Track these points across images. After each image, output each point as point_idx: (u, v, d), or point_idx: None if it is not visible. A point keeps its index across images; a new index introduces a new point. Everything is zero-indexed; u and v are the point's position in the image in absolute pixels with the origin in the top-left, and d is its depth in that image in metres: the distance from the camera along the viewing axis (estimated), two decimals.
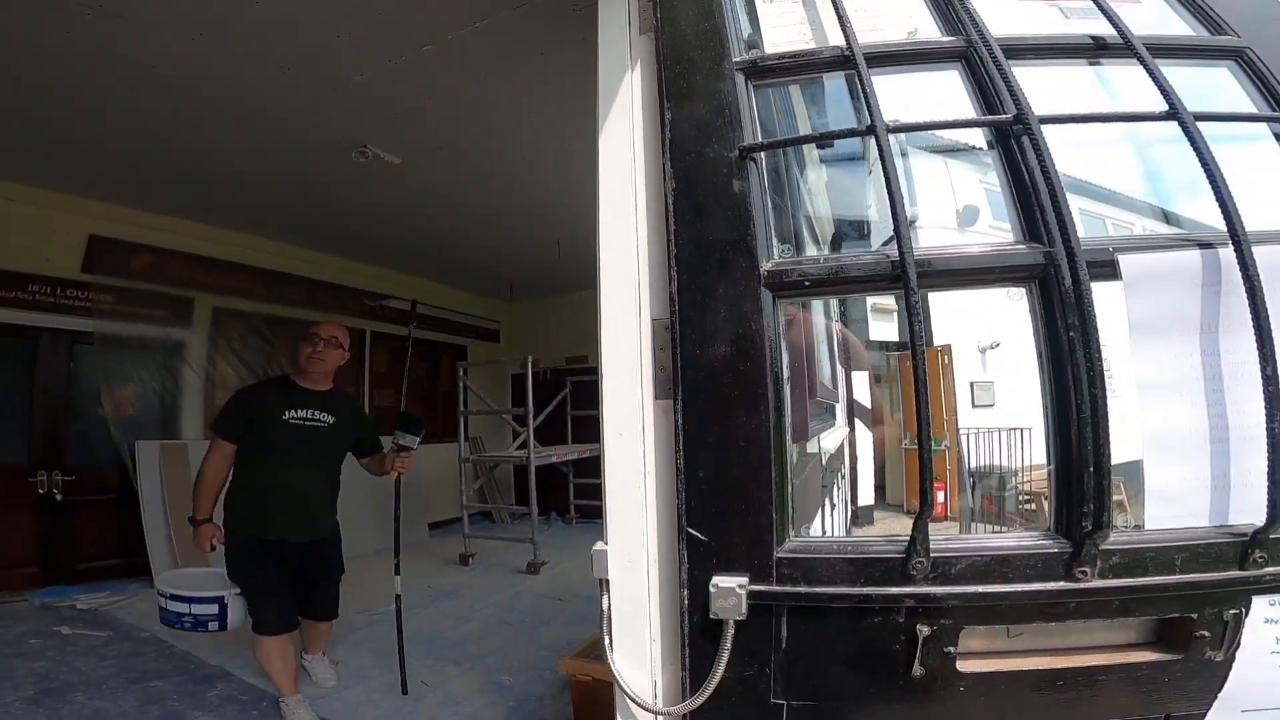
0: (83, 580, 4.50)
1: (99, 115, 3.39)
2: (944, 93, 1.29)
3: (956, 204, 1.47)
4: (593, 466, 7.84)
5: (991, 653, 1.09)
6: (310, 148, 3.84)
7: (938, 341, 1.34)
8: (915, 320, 0.94)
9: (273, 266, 5.76)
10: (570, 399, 7.80)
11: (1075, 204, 1.07)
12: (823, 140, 1.30)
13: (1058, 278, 0.99)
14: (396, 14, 2.58)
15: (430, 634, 3.02)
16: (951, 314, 1.31)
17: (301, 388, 2.86)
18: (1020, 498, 1.52)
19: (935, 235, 1.50)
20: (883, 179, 1.38)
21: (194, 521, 2.72)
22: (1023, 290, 1.06)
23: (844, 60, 1.22)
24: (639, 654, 1.23)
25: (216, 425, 2.81)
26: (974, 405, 1.45)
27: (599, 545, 1.27)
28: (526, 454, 5.87)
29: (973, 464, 1.54)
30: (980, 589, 1.01)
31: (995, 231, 1.28)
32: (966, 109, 1.22)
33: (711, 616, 1.07)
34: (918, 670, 1.04)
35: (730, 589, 1.05)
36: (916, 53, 1.27)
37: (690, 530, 1.10)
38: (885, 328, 1.51)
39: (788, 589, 1.06)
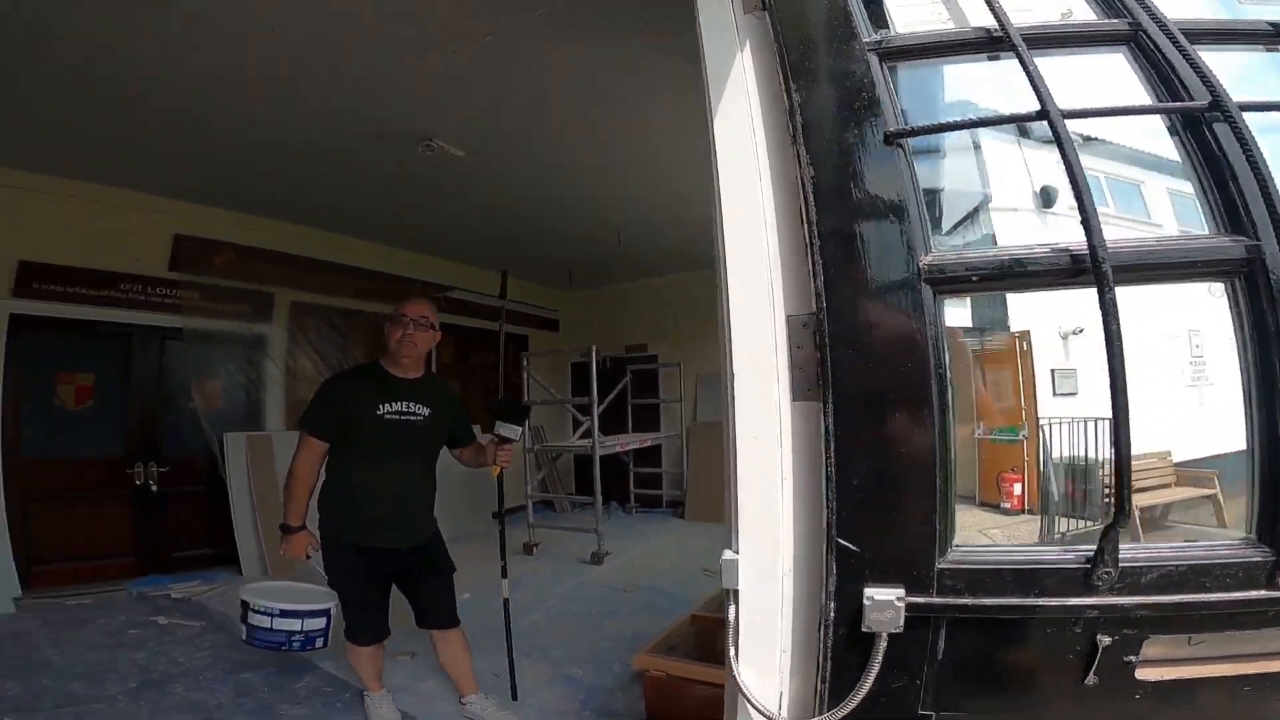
0: (176, 569, 4.68)
1: (176, 117, 3.50)
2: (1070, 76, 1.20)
3: (1033, 185, 1.37)
4: (652, 456, 7.89)
5: (1171, 660, 1.03)
6: (379, 142, 3.89)
7: (1015, 327, 1.26)
8: (1112, 320, 0.86)
9: (343, 260, 5.88)
10: (630, 388, 7.80)
11: None
12: (985, 125, 1.21)
13: (1266, 272, 0.91)
14: (462, 5, 2.59)
15: (499, 624, 3.02)
16: (1026, 298, 1.22)
17: (394, 377, 2.54)
18: (1103, 491, 1.43)
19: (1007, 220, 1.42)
20: (963, 169, 1.30)
21: (286, 528, 2.46)
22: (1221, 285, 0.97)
23: (994, 41, 1.14)
24: (767, 665, 1.18)
25: (306, 420, 2.50)
26: (1055, 394, 1.36)
27: (728, 554, 1.20)
28: (591, 443, 5.89)
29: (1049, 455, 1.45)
30: (1172, 599, 0.95)
31: (1074, 214, 1.19)
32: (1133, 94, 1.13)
33: (864, 630, 1.02)
34: (1092, 680, 0.99)
35: (888, 601, 1.00)
36: (1078, 35, 1.18)
37: (840, 540, 1.05)
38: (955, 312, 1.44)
39: (949, 600, 1.01)
